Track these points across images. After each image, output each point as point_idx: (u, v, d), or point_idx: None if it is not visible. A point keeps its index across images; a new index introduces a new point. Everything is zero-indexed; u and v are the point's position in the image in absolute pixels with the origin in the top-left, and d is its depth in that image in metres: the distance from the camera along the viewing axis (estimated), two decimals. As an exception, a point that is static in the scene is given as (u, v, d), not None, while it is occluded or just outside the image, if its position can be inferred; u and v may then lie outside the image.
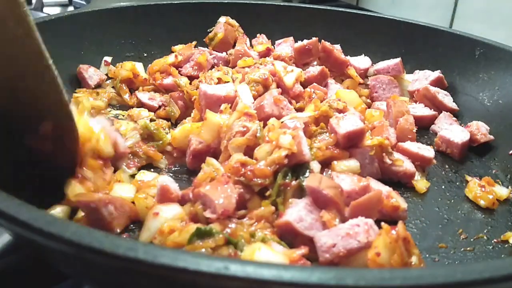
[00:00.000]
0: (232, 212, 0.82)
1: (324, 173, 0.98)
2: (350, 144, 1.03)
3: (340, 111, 1.10)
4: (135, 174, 1.04)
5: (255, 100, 1.16)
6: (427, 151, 1.14)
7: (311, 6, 1.80)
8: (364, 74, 1.53)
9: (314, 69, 1.40)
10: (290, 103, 1.18)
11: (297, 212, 0.82)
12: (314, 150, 0.99)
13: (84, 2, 2.45)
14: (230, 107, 1.12)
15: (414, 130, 1.21)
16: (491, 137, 1.26)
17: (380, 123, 1.16)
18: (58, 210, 0.88)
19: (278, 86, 1.25)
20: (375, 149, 1.03)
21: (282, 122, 1.01)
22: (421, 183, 1.09)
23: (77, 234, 0.51)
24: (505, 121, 1.28)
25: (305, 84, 1.35)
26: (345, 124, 1.02)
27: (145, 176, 1.02)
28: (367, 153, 1.03)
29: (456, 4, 2.19)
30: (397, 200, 0.95)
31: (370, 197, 0.85)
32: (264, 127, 0.99)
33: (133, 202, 0.92)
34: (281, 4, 1.87)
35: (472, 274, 0.47)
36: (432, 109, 1.40)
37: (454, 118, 1.35)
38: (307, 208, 0.84)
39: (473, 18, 2.11)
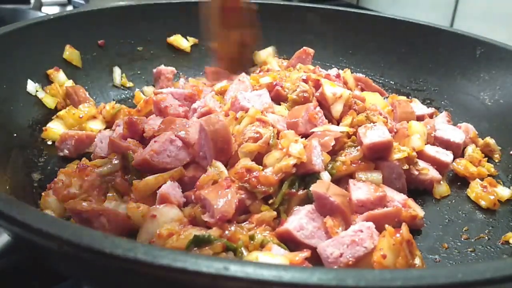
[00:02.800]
0: (231, 218, 0.81)
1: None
2: (377, 156, 0.99)
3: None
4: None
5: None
6: (445, 156, 1.11)
7: (311, 5, 1.79)
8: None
9: None
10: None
11: (298, 220, 0.81)
12: (338, 163, 0.96)
13: (83, 2, 2.44)
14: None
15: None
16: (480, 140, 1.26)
17: (403, 126, 1.14)
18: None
19: (319, 104, 1.13)
20: (403, 161, 0.99)
21: (312, 132, 0.99)
22: (442, 188, 1.07)
23: (76, 235, 0.50)
24: (506, 120, 1.28)
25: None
26: (372, 134, 0.98)
27: None
28: (395, 167, 0.99)
29: (457, 3, 2.19)
30: (415, 209, 0.92)
31: (389, 212, 0.85)
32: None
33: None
34: (281, 3, 1.87)
35: (473, 275, 0.47)
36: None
37: (447, 118, 1.33)
38: (308, 215, 0.82)
39: (474, 17, 2.11)
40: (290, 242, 0.80)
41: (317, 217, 0.82)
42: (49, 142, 1.17)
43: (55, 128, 1.19)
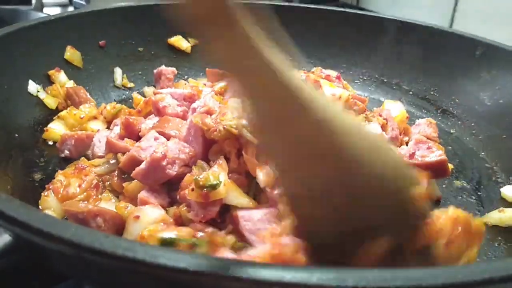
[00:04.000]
0: (216, 216, 0.81)
1: None
2: None
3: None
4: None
5: None
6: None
7: (311, 6, 1.80)
8: None
9: None
10: None
11: (253, 212, 0.79)
12: None
13: (84, 2, 2.45)
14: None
15: None
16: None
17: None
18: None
19: None
20: None
21: None
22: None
23: (77, 235, 0.50)
24: (506, 121, 1.28)
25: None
26: None
27: None
28: None
29: (457, 4, 2.19)
30: None
31: None
32: None
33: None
34: (281, 4, 1.87)
35: (473, 275, 0.47)
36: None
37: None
38: (268, 215, 0.78)
39: (473, 17, 2.11)
40: (237, 231, 0.78)
41: (274, 222, 0.77)
42: (50, 143, 1.17)
43: (56, 129, 1.19)
